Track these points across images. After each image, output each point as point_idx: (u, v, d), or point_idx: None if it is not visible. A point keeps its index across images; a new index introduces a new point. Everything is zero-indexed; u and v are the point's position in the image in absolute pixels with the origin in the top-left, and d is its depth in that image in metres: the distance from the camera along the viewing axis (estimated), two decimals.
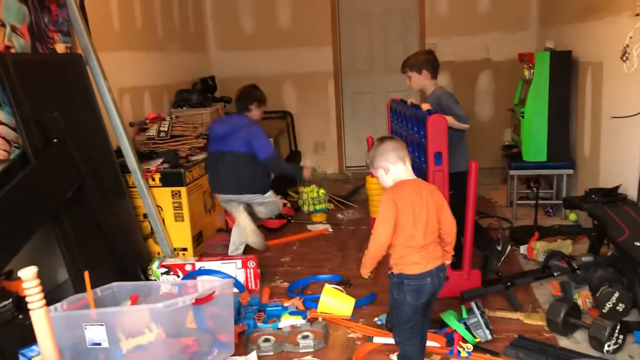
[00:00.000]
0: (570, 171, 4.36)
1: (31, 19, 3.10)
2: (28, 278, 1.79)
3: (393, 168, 2.22)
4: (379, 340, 2.64)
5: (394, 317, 2.33)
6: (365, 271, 2.28)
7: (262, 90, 3.98)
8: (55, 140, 2.93)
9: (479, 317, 2.58)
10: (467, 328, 2.60)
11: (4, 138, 2.85)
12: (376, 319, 2.89)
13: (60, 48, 3.38)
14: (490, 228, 4.16)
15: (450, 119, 3.05)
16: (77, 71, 3.39)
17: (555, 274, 3.08)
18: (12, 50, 2.96)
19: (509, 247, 3.46)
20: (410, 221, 2.14)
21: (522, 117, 4.43)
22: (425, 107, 3.07)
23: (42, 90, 3.02)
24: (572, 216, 4.32)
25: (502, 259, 3.36)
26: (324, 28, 6.24)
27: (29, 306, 1.79)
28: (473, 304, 2.63)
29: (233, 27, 6.35)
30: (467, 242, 2.92)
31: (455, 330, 2.59)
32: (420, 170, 3.09)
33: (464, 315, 2.67)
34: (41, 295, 1.80)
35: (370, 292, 3.18)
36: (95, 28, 3.70)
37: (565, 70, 4.27)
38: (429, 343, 2.56)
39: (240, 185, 3.71)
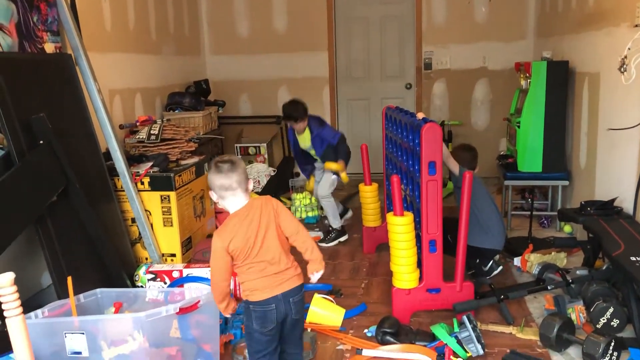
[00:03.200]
0: (566, 182, 4.32)
1: (19, 18, 3.04)
2: (4, 285, 1.72)
3: (222, 202, 2.11)
4: (368, 352, 2.58)
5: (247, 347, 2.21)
6: (226, 313, 2.17)
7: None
8: (41, 142, 2.86)
9: (471, 331, 2.52)
10: (459, 342, 2.54)
11: None
12: (366, 330, 2.83)
13: (49, 48, 3.32)
14: None
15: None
16: (66, 72, 3.32)
17: (549, 287, 3.03)
18: None
19: (498, 269, 3.41)
20: (246, 254, 2.04)
21: (518, 127, 4.39)
22: (420, 115, 3.03)
23: (28, 90, 2.95)
24: (567, 228, 4.28)
25: (488, 277, 3.34)
26: (320, 34, 6.19)
27: (5, 313, 1.72)
28: (465, 318, 2.57)
29: (228, 31, 6.31)
30: (460, 253, 2.86)
31: (446, 344, 2.53)
32: (413, 179, 3.04)
33: (456, 328, 2.62)
34: (18, 302, 1.72)
35: (360, 303, 3.13)
36: (86, 28, 3.65)
37: (561, 80, 4.23)
38: (420, 357, 2.51)
39: None
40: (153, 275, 3.31)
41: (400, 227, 2.78)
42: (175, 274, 3.30)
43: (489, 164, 5.52)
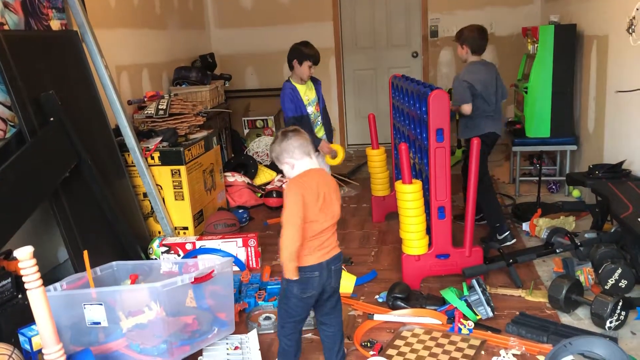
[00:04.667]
0: (574, 147, 4.31)
1: None
2: (24, 258, 1.77)
3: (298, 164, 2.12)
4: (379, 317, 2.63)
5: (279, 309, 2.20)
6: (291, 274, 2.04)
7: (311, 46, 3.66)
8: (51, 119, 2.89)
9: (480, 294, 2.56)
10: (468, 305, 2.59)
11: None
12: (377, 296, 2.88)
13: (55, 25, 3.32)
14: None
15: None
16: (72, 48, 3.34)
17: (557, 250, 3.05)
18: (5, 27, 2.90)
19: (512, 241, 3.44)
20: (317, 208, 2.04)
21: (526, 92, 4.37)
22: None
23: (37, 67, 2.97)
24: (576, 192, 4.28)
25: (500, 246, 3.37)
26: (325, 3, 6.14)
27: (26, 286, 1.77)
28: (474, 281, 2.61)
29: (232, 3, 6.26)
30: (469, 218, 2.89)
31: (456, 308, 2.58)
32: (421, 147, 3.06)
33: (465, 292, 2.66)
34: (38, 274, 1.78)
35: (370, 270, 3.17)
36: (90, 4, 3.64)
37: (569, 44, 4.19)
38: (430, 320, 2.56)
39: None
40: (167, 248, 3.37)
41: (409, 195, 2.81)
42: (189, 246, 3.36)
43: None
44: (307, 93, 3.69)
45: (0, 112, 2.83)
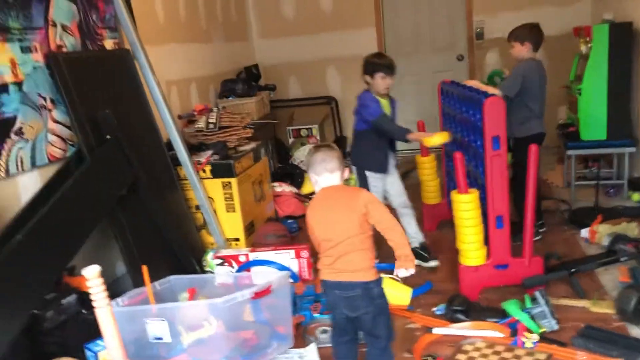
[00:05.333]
0: (632, 149, 4.14)
1: (80, 17, 3.14)
2: (92, 276, 1.81)
3: (319, 179, 2.15)
4: (439, 330, 2.58)
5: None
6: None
7: (383, 56, 3.51)
8: (108, 137, 2.96)
9: (544, 306, 2.48)
10: (531, 317, 2.51)
11: (60, 137, 2.90)
12: (434, 308, 2.83)
13: (108, 44, 3.41)
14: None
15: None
16: (125, 66, 3.42)
17: (622, 258, 2.93)
18: (64, 50, 3.00)
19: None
20: (320, 229, 2.12)
21: (579, 94, 4.23)
22: (472, 83, 3.06)
23: (93, 87, 3.05)
24: (635, 197, 4.12)
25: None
26: (367, 9, 6.11)
27: (94, 304, 1.81)
28: (537, 293, 2.53)
29: (274, 13, 6.31)
30: (528, 227, 2.81)
31: (518, 320, 2.50)
32: (475, 154, 2.99)
33: (527, 304, 2.58)
34: (105, 293, 1.81)
35: (425, 282, 3.12)
36: (140, 22, 3.72)
37: (625, 43, 4.04)
38: (492, 333, 2.49)
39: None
40: (221, 260, 3.40)
41: (466, 205, 2.75)
42: (242, 258, 3.38)
43: (548, 133, 5.35)
44: (385, 107, 3.33)
45: (60, 132, 2.91)
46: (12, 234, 2.31)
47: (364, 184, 3.30)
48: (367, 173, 3.30)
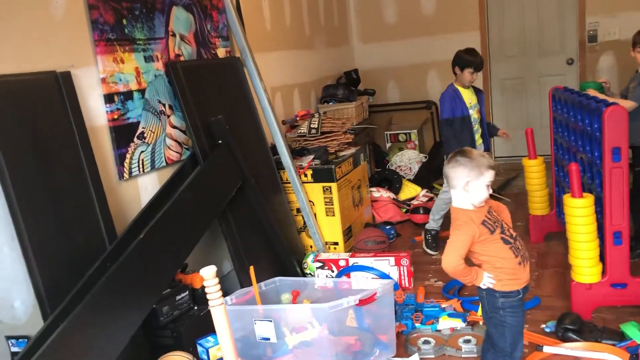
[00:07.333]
0: None
1: (196, 27, 3.31)
2: (209, 277, 1.89)
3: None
4: (550, 350, 2.46)
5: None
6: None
7: (474, 53, 3.73)
8: (219, 142, 3.10)
9: None
10: None
11: (176, 141, 3.07)
12: (544, 325, 2.71)
13: (220, 52, 3.57)
14: None
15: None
16: (236, 73, 3.56)
17: None
18: (181, 58, 3.17)
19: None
20: None
21: None
22: (593, 93, 2.90)
23: (207, 93, 3.21)
24: None
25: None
26: (471, 13, 5.95)
27: (210, 303, 1.89)
28: None
29: (375, 18, 6.31)
30: None
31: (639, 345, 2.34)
32: (591, 165, 2.83)
33: None
34: (220, 292, 1.89)
35: (533, 297, 2.99)
36: (249, 30, 3.85)
37: None
38: (609, 357, 2.35)
39: None
40: (321, 264, 3.45)
41: (580, 210, 2.59)
42: (342, 263, 3.41)
43: None
44: (469, 97, 3.72)
45: (176, 136, 3.09)
46: (135, 232, 2.47)
47: None
48: None
